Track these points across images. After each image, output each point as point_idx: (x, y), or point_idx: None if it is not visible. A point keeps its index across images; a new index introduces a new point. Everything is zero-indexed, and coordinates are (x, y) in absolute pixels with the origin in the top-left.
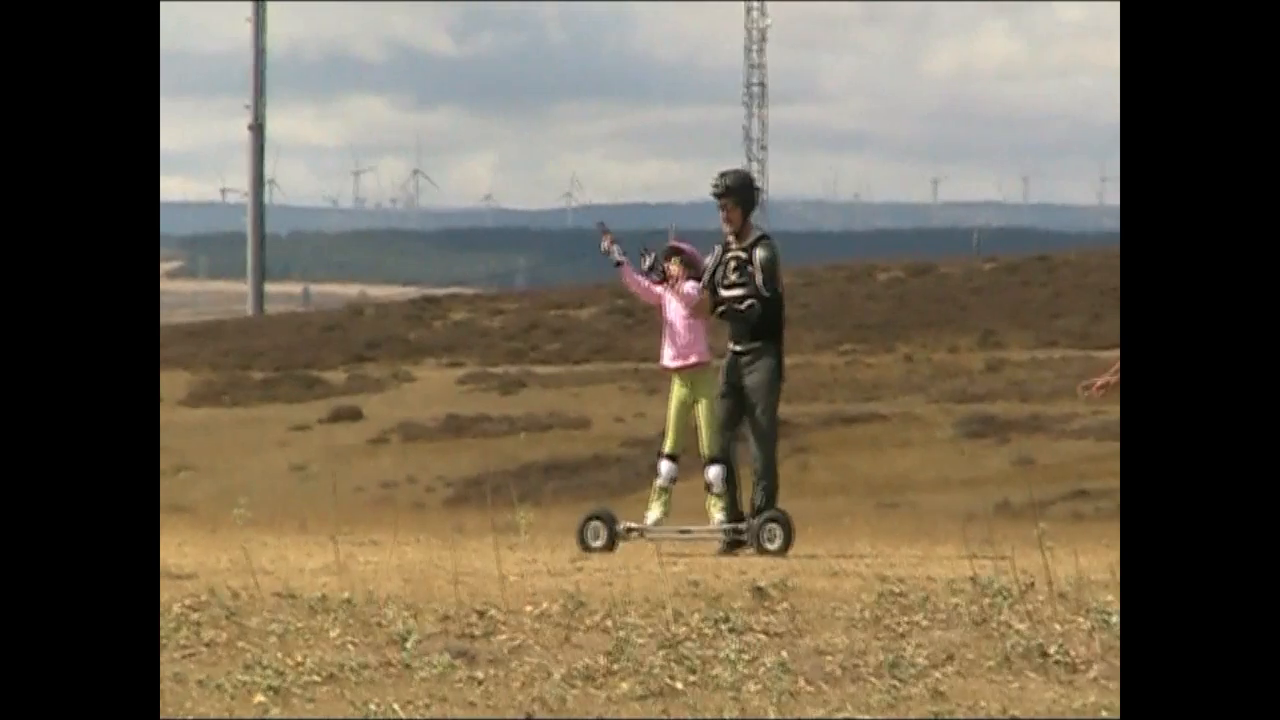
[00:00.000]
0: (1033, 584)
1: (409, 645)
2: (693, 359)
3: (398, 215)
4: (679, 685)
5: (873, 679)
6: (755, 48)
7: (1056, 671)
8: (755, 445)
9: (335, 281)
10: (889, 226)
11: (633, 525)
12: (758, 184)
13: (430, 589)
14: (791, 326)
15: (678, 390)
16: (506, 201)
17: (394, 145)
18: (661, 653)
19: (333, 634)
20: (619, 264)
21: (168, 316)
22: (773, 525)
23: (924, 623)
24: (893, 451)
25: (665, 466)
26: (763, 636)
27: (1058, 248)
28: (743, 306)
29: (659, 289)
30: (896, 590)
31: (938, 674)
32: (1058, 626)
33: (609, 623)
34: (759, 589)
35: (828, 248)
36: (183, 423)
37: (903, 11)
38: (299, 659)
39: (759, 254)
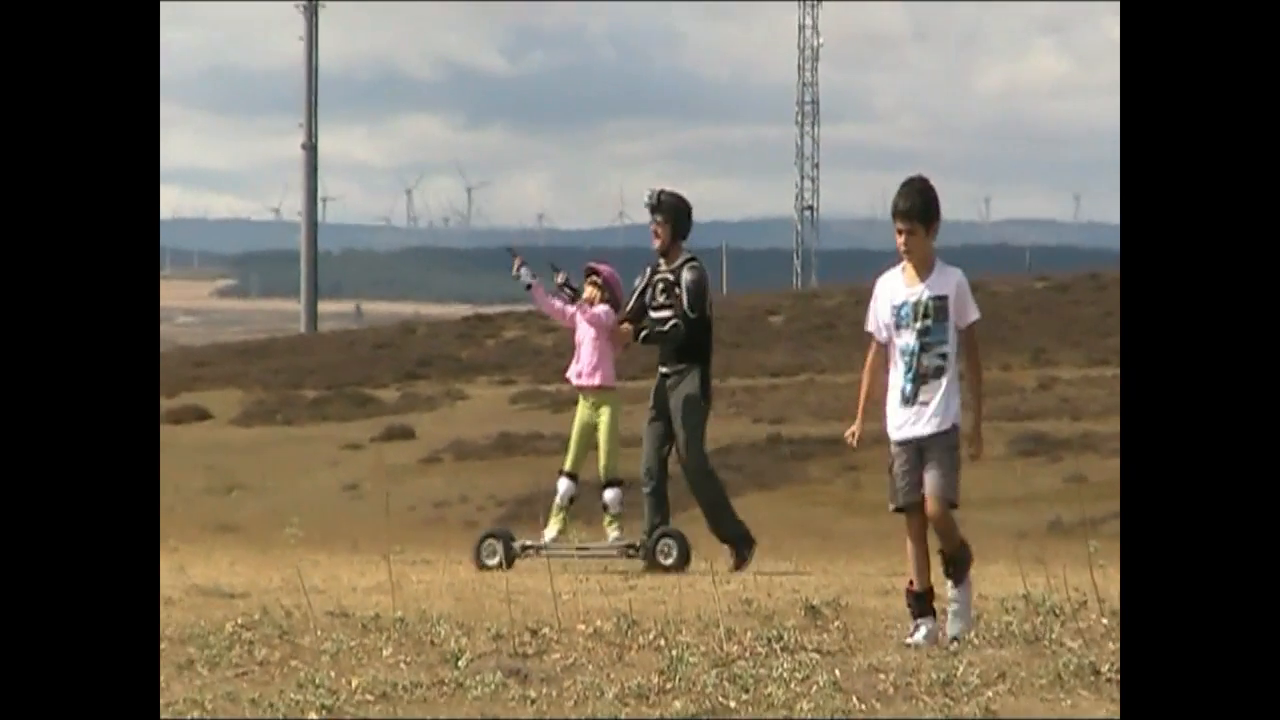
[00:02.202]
0: (1085, 602)
1: (462, 664)
2: (595, 380)
3: (450, 233)
4: (732, 704)
5: (925, 697)
6: (808, 66)
7: (1109, 690)
8: (682, 466)
9: (388, 300)
10: (939, 244)
11: (529, 543)
12: (691, 212)
13: (483, 608)
14: (842, 344)
15: (581, 410)
16: (558, 220)
17: (446, 164)
18: (714, 671)
19: (385, 653)
20: (529, 286)
21: (219, 335)
22: (668, 540)
23: (976, 641)
24: None
25: (563, 484)
26: (815, 655)
27: (1109, 266)
28: (665, 327)
29: (570, 309)
30: (949, 609)
31: (990, 692)
32: (1110, 645)
33: (661, 641)
34: (812, 607)
35: (878, 266)
36: (234, 441)
37: (953, 30)
38: (352, 678)
39: (685, 276)
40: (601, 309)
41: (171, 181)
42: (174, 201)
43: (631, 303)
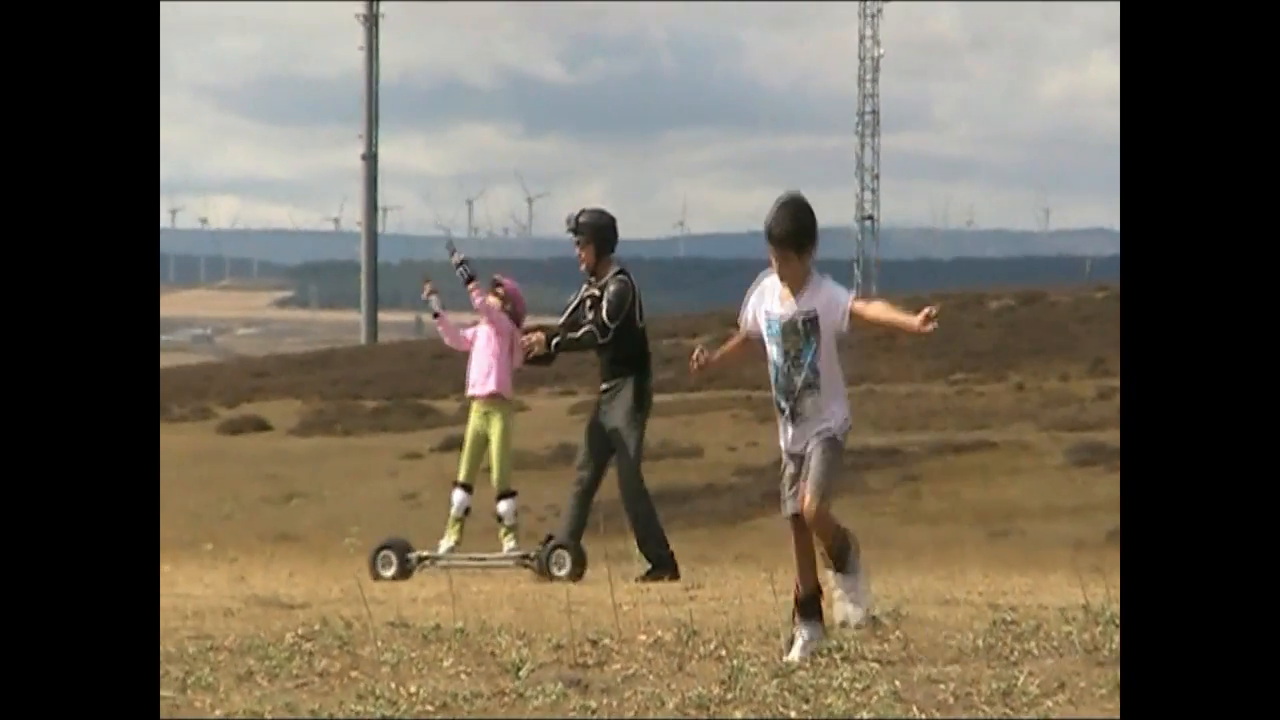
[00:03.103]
0: None
1: (522, 674)
2: (489, 388)
3: (510, 243)
4: (792, 714)
5: (985, 707)
6: (869, 77)
7: None
8: (619, 482)
9: (448, 310)
10: (998, 254)
11: (425, 554)
12: (614, 225)
13: (543, 618)
14: (902, 354)
15: (473, 419)
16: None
17: (505, 173)
18: (774, 681)
19: (446, 663)
20: (437, 315)
21: (278, 345)
22: (560, 552)
23: (1036, 651)
24: (1003, 479)
25: (458, 495)
26: (875, 665)
27: None
28: (578, 334)
29: (469, 331)
30: (1008, 618)
31: (1050, 702)
32: None
33: (722, 651)
34: (871, 617)
35: (937, 275)
36: (294, 451)
37: (1012, 39)
38: (412, 689)
39: (609, 288)
40: (505, 317)
41: (230, 192)
42: (233, 212)
43: (563, 318)
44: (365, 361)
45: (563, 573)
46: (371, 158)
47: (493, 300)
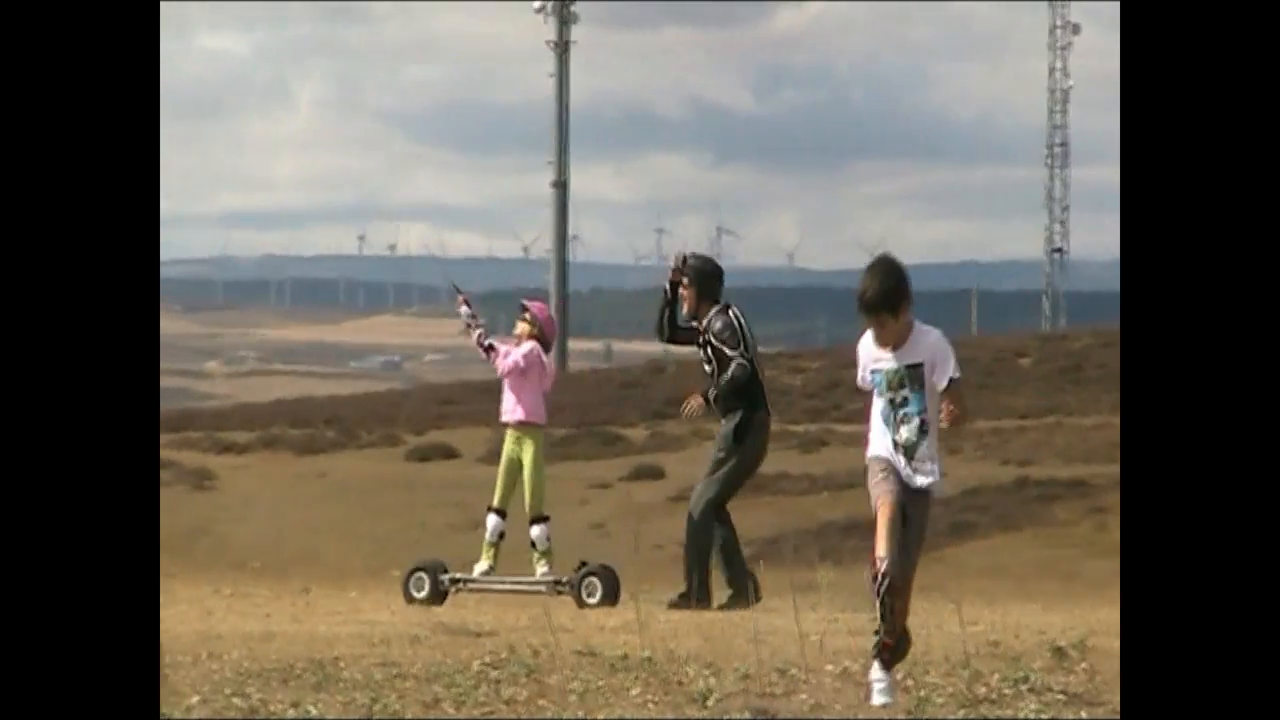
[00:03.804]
0: None
1: (709, 704)
2: (519, 415)
3: None
4: None
5: None
6: (1058, 108)
7: None
8: (691, 502)
9: (637, 339)
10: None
11: (458, 576)
12: (720, 274)
13: (730, 647)
14: (1089, 386)
15: (507, 446)
16: (806, 260)
17: (693, 202)
18: (961, 712)
19: (633, 692)
20: (471, 326)
21: (466, 372)
22: (591, 579)
23: None
24: None
25: (492, 520)
26: (1061, 696)
27: None
28: (726, 377)
29: (502, 360)
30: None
31: None
32: None
33: (909, 682)
34: (1058, 649)
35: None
36: (482, 479)
37: None
38: (599, 717)
39: (714, 326)
40: (526, 347)
41: (418, 218)
42: (421, 238)
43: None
44: (554, 389)
45: (594, 599)
46: (562, 185)
47: (521, 328)
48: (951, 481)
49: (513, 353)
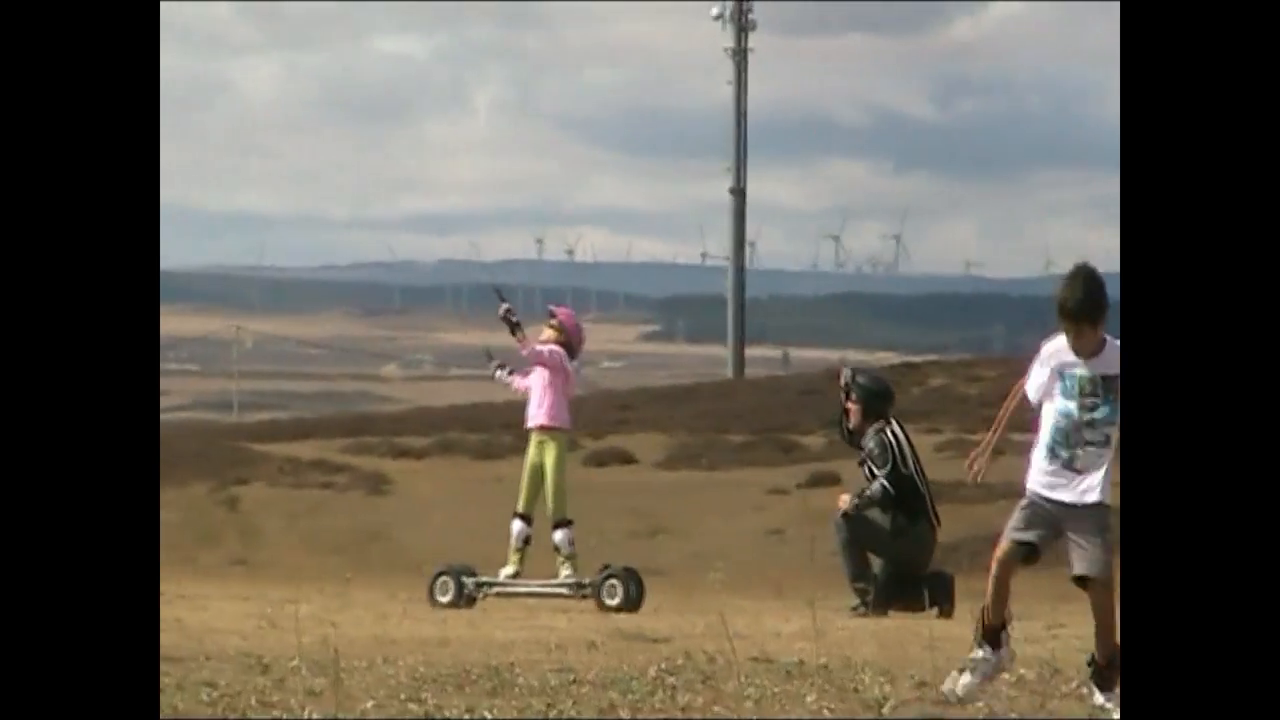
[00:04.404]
0: None
1: (885, 711)
2: (541, 419)
3: (877, 280)
4: None
5: None
6: None
7: None
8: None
9: (814, 346)
10: None
11: (483, 580)
12: (889, 394)
13: (906, 654)
14: None
15: (530, 451)
16: (984, 269)
17: (873, 210)
18: None
19: (809, 699)
20: (515, 332)
21: (644, 379)
22: (613, 581)
23: None
24: None
25: (517, 525)
26: None
27: None
28: (868, 492)
29: (524, 380)
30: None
31: None
32: None
33: (1084, 689)
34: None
35: None
36: (658, 485)
37: None
38: None
39: (869, 444)
40: (548, 348)
41: (597, 223)
42: (599, 244)
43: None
44: (731, 396)
45: (614, 601)
46: (739, 192)
47: (548, 333)
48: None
49: (540, 347)
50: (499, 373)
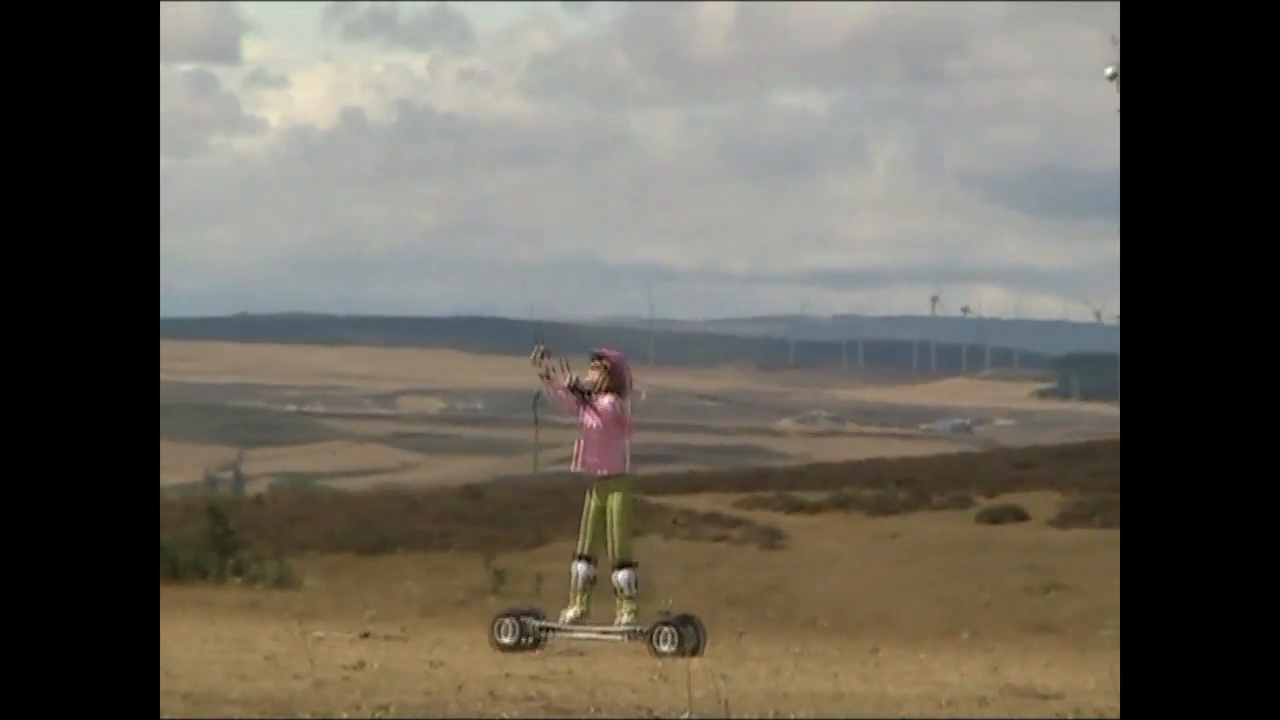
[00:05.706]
0: None
1: None
2: (603, 471)
3: None
4: None
5: None
6: None
7: None
8: None
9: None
10: None
11: (546, 623)
12: None
13: None
14: None
15: (593, 497)
16: None
17: None
18: None
19: None
20: (567, 381)
21: (1038, 436)
22: (665, 629)
23: None
24: None
25: (579, 568)
26: None
27: None
28: None
29: (571, 401)
30: None
31: None
32: None
33: None
34: None
35: None
36: (1053, 542)
37: None
38: None
39: None
40: (607, 401)
41: (995, 281)
42: (997, 302)
43: None
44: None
45: (666, 648)
46: None
47: (593, 375)
48: None
49: (603, 402)
50: (544, 360)
